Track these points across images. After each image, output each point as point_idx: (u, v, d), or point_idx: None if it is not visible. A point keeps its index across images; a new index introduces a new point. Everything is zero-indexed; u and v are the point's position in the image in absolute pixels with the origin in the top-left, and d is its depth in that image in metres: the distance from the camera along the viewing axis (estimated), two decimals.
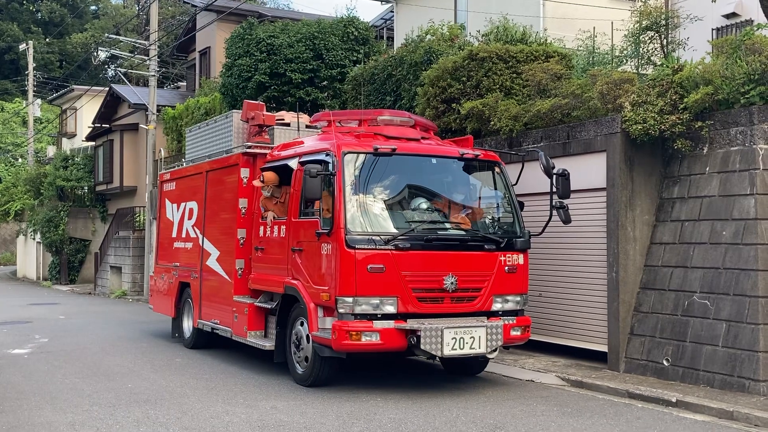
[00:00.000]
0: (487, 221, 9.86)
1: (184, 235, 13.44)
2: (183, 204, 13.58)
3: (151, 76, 26.06)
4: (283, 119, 12.01)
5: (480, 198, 9.96)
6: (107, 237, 30.30)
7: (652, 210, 10.60)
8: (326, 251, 8.83)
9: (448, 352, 8.57)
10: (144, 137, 26.76)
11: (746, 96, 9.61)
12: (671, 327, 9.83)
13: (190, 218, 13.18)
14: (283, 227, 9.94)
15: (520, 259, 9.45)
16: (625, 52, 13.59)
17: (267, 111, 12.00)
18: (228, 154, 11.87)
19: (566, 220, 9.56)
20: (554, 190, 9.50)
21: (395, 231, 8.82)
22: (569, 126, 11.35)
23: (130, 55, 31.07)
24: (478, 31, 16.54)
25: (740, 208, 9.38)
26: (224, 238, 11.62)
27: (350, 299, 8.52)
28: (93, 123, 32.67)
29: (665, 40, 13.09)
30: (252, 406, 8.57)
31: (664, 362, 9.78)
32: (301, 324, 9.41)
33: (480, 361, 9.92)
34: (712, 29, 16.23)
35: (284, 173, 10.21)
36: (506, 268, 9.28)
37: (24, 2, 63.25)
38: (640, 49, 13.23)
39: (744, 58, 9.83)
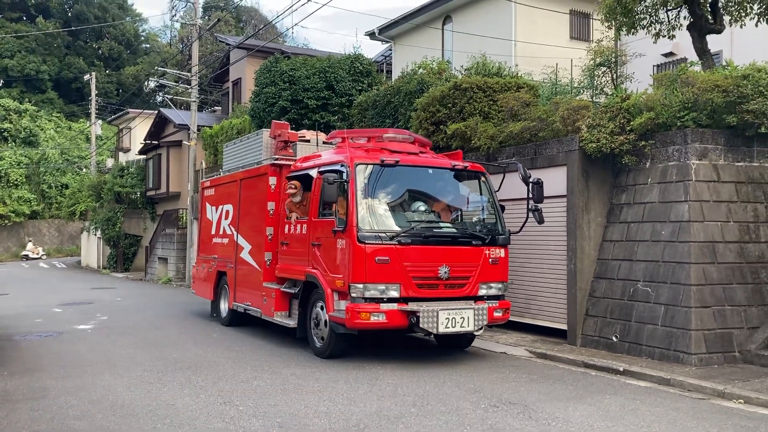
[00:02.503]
0: (474, 221, 9.90)
1: (221, 233, 13.50)
2: (220, 206, 13.66)
3: (192, 101, 26.08)
4: (304, 136, 12.11)
5: (468, 202, 10.04)
6: (155, 233, 30.23)
7: (604, 213, 10.61)
8: (341, 246, 8.85)
9: (442, 329, 8.66)
10: (186, 151, 26.73)
11: (681, 120, 9.61)
12: (619, 309, 9.83)
13: (226, 218, 13.24)
14: (304, 226, 9.98)
15: (501, 252, 9.46)
16: (582, 84, 13.61)
17: (290, 130, 12.03)
18: (258, 165, 11.90)
19: (540, 221, 9.59)
20: (530, 196, 9.55)
21: (398, 229, 8.83)
22: (536, 144, 11.35)
23: (175, 84, 31.01)
24: (462, 66, 16.55)
25: (676, 212, 9.39)
26: (255, 235, 11.68)
27: (361, 285, 8.57)
28: (144, 140, 32.66)
29: (615, 74, 13.11)
30: (275, 372, 8.56)
31: (614, 338, 9.78)
32: (320, 306, 9.42)
33: (468, 337, 10.04)
34: (653, 65, 16.26)
35: (305, 181, 10.29)
36: (490, 260, 9.30)
37: (88, 40, 63.18)
38: (595, 81, 13.24)
39: (680, 89, 9.83)
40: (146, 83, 29.86)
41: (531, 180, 9.51)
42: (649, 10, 11.16)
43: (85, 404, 6.91)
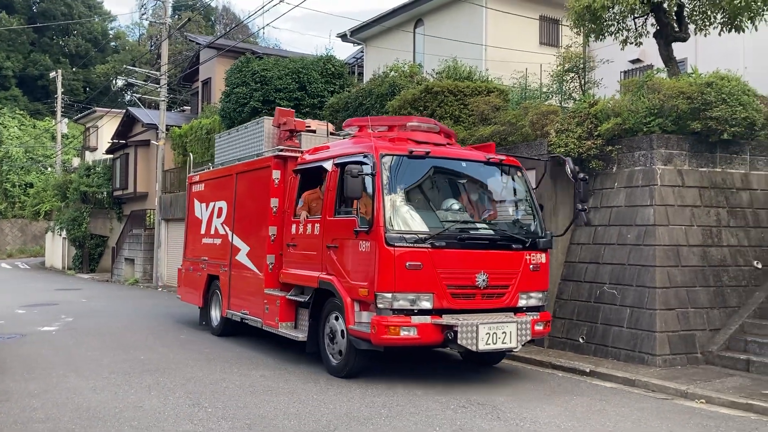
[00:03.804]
0: (512, 222, 8.69)
1: (212, 232, 12.23)
2: (212, 203, 12.39)
3: (161, 100, 25.85)
4: (310, 126, 10.85)
5: (505, 200, 8.90)
6: (122, 234, 29.82)
7: (572, 217, 10.75)
8: (364, 248, 7.70)
9: (482, 346, 7.53)
10: (155, 151, 26.43)
11: (648, 126, 9.79)
12: (586, 311, 9.97)
13: (219, 216, 12.02)
14: (317, 225, 8.74)
15: (542, 258, 8.39)
16: (551, 89, 13.78)
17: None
18: (259, 157, 10.65)
19: (587, 222, 8.74)
20: (577, 194, 8.60)
21: (431, 230, 7.67)
22: (506, 148, 11.44)
23: (144, 83, 30.62)
24: (433, 70, 16.65)
25: (642, 216, 9.56)
26: (254, 235, 10.46)
27: (389, 295, 7.43)
28: (112, 139, 32.20)
29: (583, 80, 13.31)
30: (244, 374, 8.49)
31: (580, 340, 9.91)
32: (336, 318, 8.28)
33: (500, 353, 8.85)
34: (621, 72, 16.52)
35: (315, 175, 9.24)
36: (531, 266, 8.22)
37: (54, 37, 62.05)
38: (563, 86, 13.42)
39: (646, 95, 10.02)
40: (114, 82, 29.36)
41: (580, 176, 8.51)
42: (617, 17, 11.35)
43: (49, 407, 6.79)
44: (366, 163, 7.83)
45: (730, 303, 9.55)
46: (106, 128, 35.43)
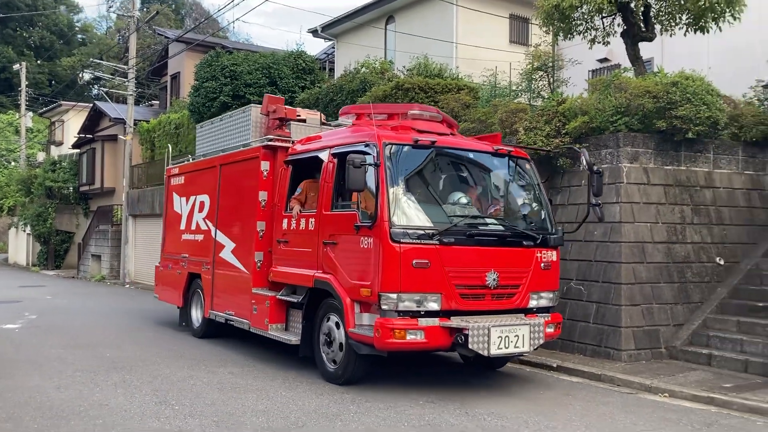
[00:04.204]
0: (521, 217, 8.14)
1: (193, 228, 11.51)
2: (193, 197, 11.67)
3: (129, 95, 25.48)
4: (299, 115, 10.12)
5: (513, 193, 8.36)
6: (89, 230, 29.35)
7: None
8: (366, 245, 7.11)
9: (494, 351, 7.00)
10: (122, 146, 26.05)
11: (614, 125, 9.93)
12: None
13: (200, 211, 11.30)
14: (311, 220, 8.15)
15: (553, 255, 7.91)
16: (520, 87, 13.89)
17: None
18: (246, 147, 10.00)
19: (602, 217, 8.29)
20: (591, 188, 8.04)
21: (439, 225, 7.11)
22: None
23: (111, 77, 30.17)
24: (404, 67, 16.67)
25: (608, 213, 9.68)
26: (241, 231, 9.87)
27: (394, 295, 6.86)
28: (78, 133, 31.64)
29: (552, 79, 13.44)
30: (212, 371, 8.43)
31: None
32: (333, 320, 7.75)
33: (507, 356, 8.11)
34: (589, 71, 16.73)
35: (310, 167, 8.64)
36: (542, 264, 7.73)
37: (18, 28, 60.70)
38: (532, 85, 13.54)
39: (613, 94, 10.15)
40: (81, 75, 28.81)
41: (595, 170, 7.99)
42: (585, 16, 11.48)
43: (11, 406, 6.66)
44: (368, 153, 7.18)
45: (694, 299, 9.75)
46: (73, 122, 34.82)
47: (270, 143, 9.38)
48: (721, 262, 10.12)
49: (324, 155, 8.16)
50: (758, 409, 6.95)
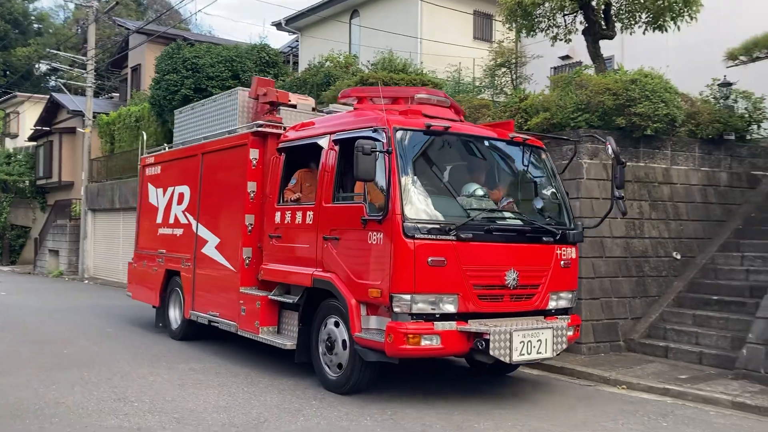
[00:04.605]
0: (538, 211, 7.48)
1: (172, 221, 10.68)
2: (171, 188, 10.82)
3: (88, 87, 24.97)
4: (290, 100, 9.42)
5: (530, 186, 7.69)
6: (46, 224, 28.74)
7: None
8: (375, 240, 6.49)
9: (516, 357, 6.46)
10: (81, 139, 25.54)
11: (575, 121, 10.07)
12: None
13: (180, 203, 10.46)
14: (309, 213, 7.48)
15: (573, 252, 7.33)
16: (483, 83, 14.01)
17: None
18: (232, 134, 9.27)
19: (624, 212, 7.79)
20: (614, 180, 7.47)
21: (455, 219, 6.50)
22: None
23: (69, 68, 29.52)
24: (368, 61, 16.66)
25: None
26: (227, 225, 9.12)
27: (407, 297, 6.24)
28: (35, 126, 30.92)
29: (514, 75, 13.58)
30: (173, 368, 8.33)
31: None
32: (335, 323, 7.11)
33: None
34: (551, 67, 16.93)
35: (305, 155, 8.02)
36: (562, 262, 7.16)
37: None
38: (495, 81, 13.67)
39: (574, 91, 10.30)
40: (37, 66, 28.10)
41: (621, 160, 7.44)
42: (547, 14, 11.62)
43: None
44: (377, 139, 6.52)
45: (651, 292, 9.97)
46: (29, 114, 34.03)
47: (260, 129, 8.58)
48: (678, 257, 10.36)
49: (324, 142, 7.46)
50: (711, 399, 7.15)
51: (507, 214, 7.09)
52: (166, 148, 11.52)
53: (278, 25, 24.62)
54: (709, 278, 10.02)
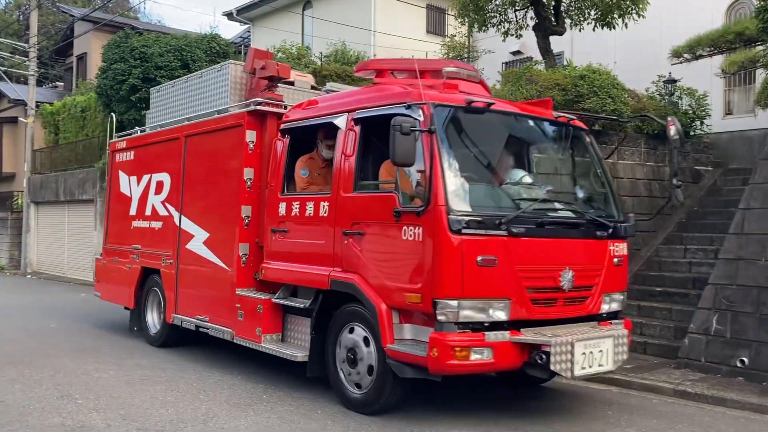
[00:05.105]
0: (585, 201, 6.67)
1: (148, 213, 9.59)
2: (147, 176, 9.72)
3: (30, 75, 24.20)
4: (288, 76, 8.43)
5: (575, 172, 6.86)
6: None
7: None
8: (412, 236, 5.59)
9: (578, 372, 5.63)
10: (23, 129, 24.73)
11: None
12: None
13: (158, 193, 9.40)
14: (323, 204, 6.53)
15: (624, 248, 6.52)
16: None
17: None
18: (223, 113, 8.23)
19: (682, 201, 7.10)
20: (672, 165, 6.87)
21: (504, 211, 5.67)
22: None
23: (10, 55, 28.52)
24: (321, 53, 16.56)
25: None
26: (218, 217, 8.07)
27: (454, 302, 5.37)
28: None
29: None
30: (119, 364, 8.14)
31: None
32: (359, 333, 6.15)
33: None
34: (502, 63, 17.11)
35: (309, 138, 7.22)
36: (615, 259, 6.36)
37: None
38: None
39: (524, 86, 10.43)
40: None
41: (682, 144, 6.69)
42: (499, 9, 11.75)
43: None
44: (411, 116, 5.57)
45: None
46: None
47: (259, 108, 7.52)
48: None
49: (341, 121, 6.49)
50: (654, 388, 7.37)
51: (559, 205, 6.27)
52: (138, 132, 10.41)
53: (229, 15, 24.27)
54: (654, 270, 10.30)
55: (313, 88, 8.65)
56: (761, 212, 8.09)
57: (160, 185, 9.40)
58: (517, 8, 11.89)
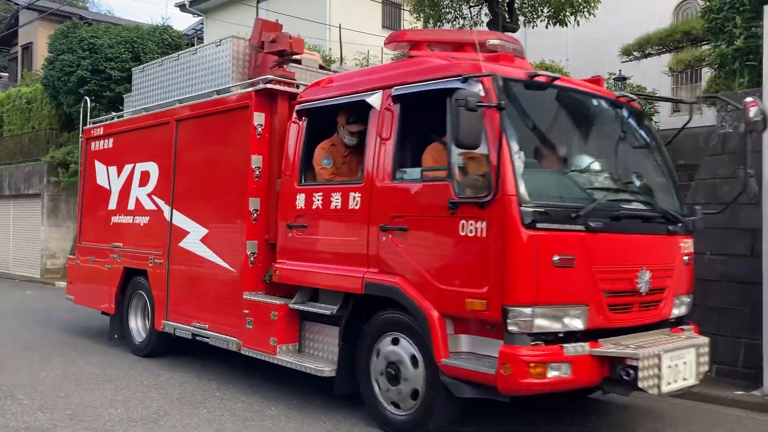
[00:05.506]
0: (653, 192, 5.77)
1: (132, 207, 8.62)
2: (129, 166, 8.74)
3: None
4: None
5: (638, 159, 5.87)
6: None
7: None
8: (473, 231, 4.79)
9: (665, 388, 4.83)
10: None
11: None
12: None
13: (143, 185, 8.45)
14: (353, 195, 5.69)
15: (691, 245, 5.82)
16: None
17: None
18: (223, 94, 7.29)
19: (756, 193, 6.13)
20: (746, 153, 5.81)
21: (578, 202, 4.88)
22: None
23: None
24: None
25: None
26: (219, 211, 7.22)
27: (528, 310, 4.59)
28: None
29: None
30: (68, 363, 7.93)
31: None
32: (403, 344, 5.34)
33: None
34: None
35: (328, 120, 6.37)
36: (685, 258, 5.69)
37: None
38: None
39: None
40: None
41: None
42: (454, 5, 11.82)
43: None
44: (476, 92, 4.70)
45: None
46: None
47: (270, 87, 6.65)
48: None
49: (375, 99, 5.66)
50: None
51: (631, 196, 5.54)
52: (115, 118, 9.53)
53: (182, 7, 23.87)
54: None
55: (321, 67, 7.87)
56: (706, 208, 8.28)
57: (145, 176, 8.45)
58: (471, 5, 11.98)
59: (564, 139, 5.55)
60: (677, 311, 5.63)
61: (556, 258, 4.65)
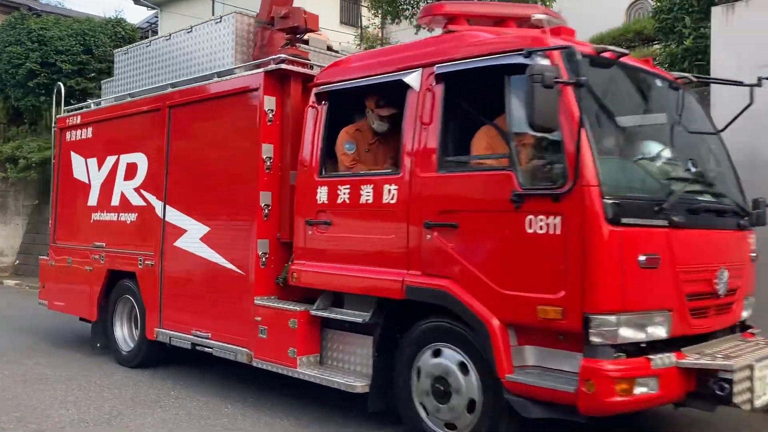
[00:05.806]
0: (717, 183, 5.19)
1: (116, 203, 7.83)
2: (113, 158, 7.92)
3: None
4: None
5: (701, 148, 5.32)
6: None
7: None
8: (544, 228, 4.16)
9: (758, 402, 4.29)
10: None
11: None
12: None
13: (129, 178, 7.66)
14: (388, 187, 5.02)
15: (755, 241, 5.30)
16: None
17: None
18: (226, 77, 6.55)
19: None
20: None
21: (658, 193, 4.36)
22: None
23: None
24: None
25: None
26: (222, 206, 6.47)
27: (613, 318, 4.00)
28: None
29: None
30: (18, 363, 7.71)
31: None
32: (453, 357, 4.69)
33: None
34: None
35: (350, 104, 5.89)
36: (752, 254, 5.21)
37: None
38: None
39: None
40: None
41: None
42: (411, 1, 11.85)
43: None
44: (552, 67, 4.07)
45: None
46: None
47: (283, 67, 5.93)
48: None
49: (413, 79, 4.98)
50: None
51: (699, 186, 4.93)
52: (92, 106, 8.75)
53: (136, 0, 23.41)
54: None
55: (329, 48, 7.29)
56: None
57: (132, 168, 7.65)
58: (428, 1, 12.02)
59: (629, 120, 4.97)
60: (746, 314, 5.12)
61: (642, 258, 4.08)
